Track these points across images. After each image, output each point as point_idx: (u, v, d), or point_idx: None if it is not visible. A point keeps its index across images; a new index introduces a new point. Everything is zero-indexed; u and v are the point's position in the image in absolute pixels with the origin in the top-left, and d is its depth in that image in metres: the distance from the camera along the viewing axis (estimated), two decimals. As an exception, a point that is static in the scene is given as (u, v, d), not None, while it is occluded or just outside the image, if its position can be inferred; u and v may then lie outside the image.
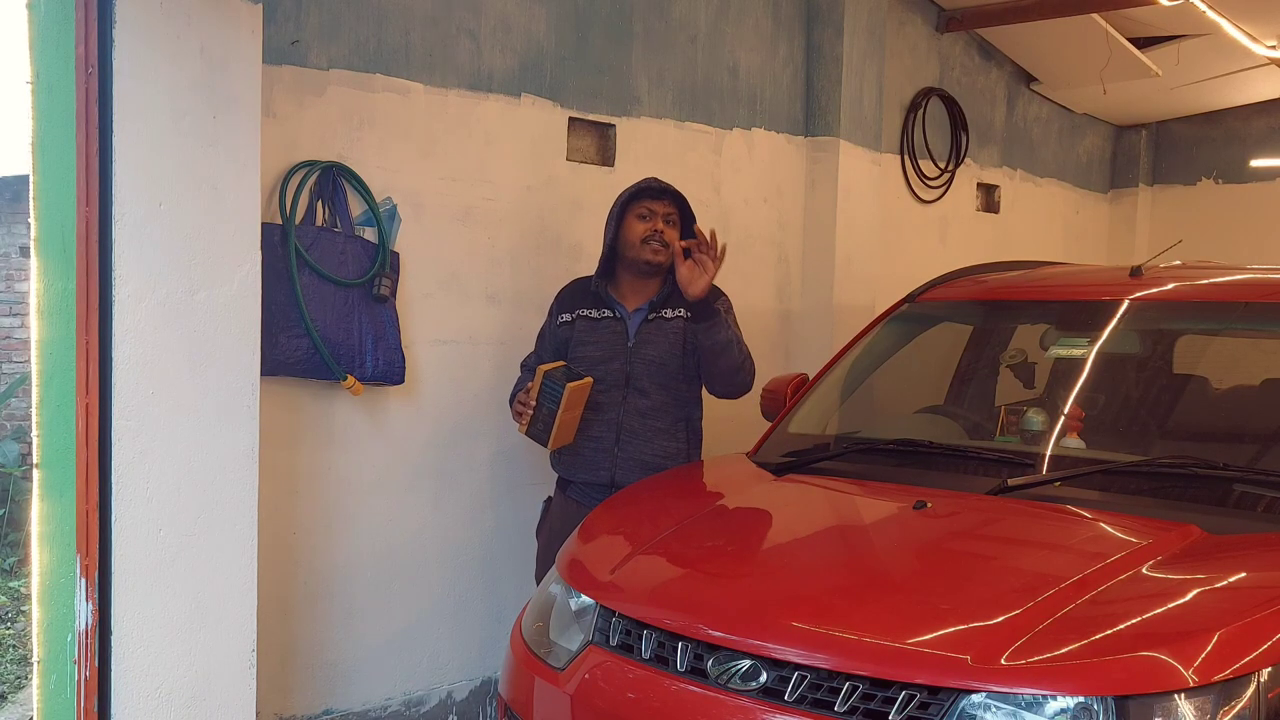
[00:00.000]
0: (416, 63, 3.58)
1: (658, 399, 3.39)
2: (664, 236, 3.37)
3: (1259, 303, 3.22)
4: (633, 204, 3.40)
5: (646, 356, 3.38)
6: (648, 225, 3.38)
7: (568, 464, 3.46)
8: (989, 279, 3.79)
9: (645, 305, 3.44)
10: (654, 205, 3.39)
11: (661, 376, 3.40)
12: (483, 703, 3.93)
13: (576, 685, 2.40)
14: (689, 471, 3.33)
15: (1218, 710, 1.91)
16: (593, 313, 3.45)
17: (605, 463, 3.39)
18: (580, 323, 3.45)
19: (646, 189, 3.40)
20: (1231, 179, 7.90)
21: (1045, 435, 3.13)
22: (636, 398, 3.38)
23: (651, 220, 3.39)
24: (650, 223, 3.38)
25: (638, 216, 3.39)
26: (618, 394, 3.37)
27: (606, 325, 3.42)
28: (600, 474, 3.39)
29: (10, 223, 7.85)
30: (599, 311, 3.45)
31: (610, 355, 3.39)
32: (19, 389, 7.47)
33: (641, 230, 3.38)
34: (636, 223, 3.39)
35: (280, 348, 3.21)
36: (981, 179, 6.58)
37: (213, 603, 2.85)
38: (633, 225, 3.39)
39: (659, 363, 3.39)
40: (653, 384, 3.39)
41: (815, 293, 5.13)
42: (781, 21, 4.96)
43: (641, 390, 3.38)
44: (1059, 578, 2.22)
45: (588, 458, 3.41)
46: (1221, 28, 5.74)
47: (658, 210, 3.39)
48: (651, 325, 3.42)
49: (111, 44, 2.59)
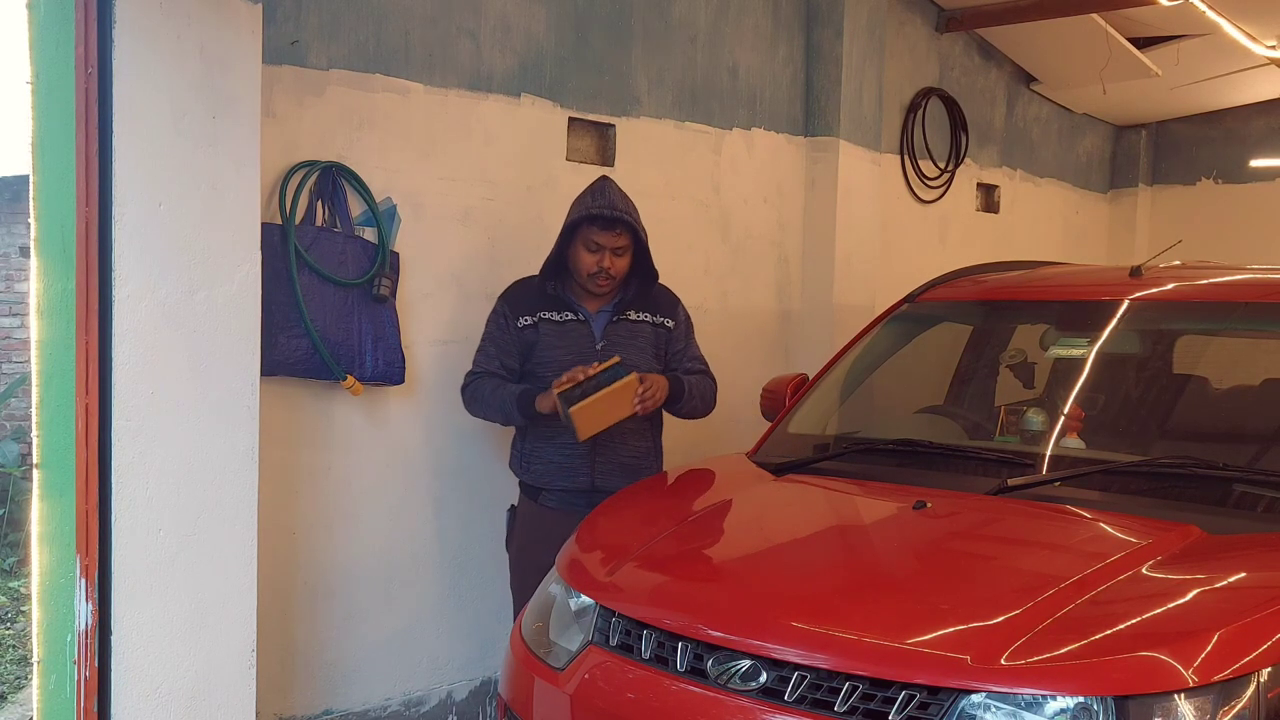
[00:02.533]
0: (416, 63, 3.58)
1: None
2: (610, 271, 3.29)
3: (1259, 303, 3.22)
4: (583, 228, 3.27)
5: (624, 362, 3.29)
6: (595, 259, 3.26)
7: (540, 472, 3.39)
8: (989, 279, 3.79)
9: (609, 307, 3.39)
10: (603, 238, 3.25)
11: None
12: (483, 703, 3.93)
13: (576, 685, 2.40)
14: (688, 472, 3.33)
15: (1218, 710, 1.91)
16: (554, 315, 3.36)
17: (584, 468, 3.34)
18: (544, 325, 3.35)
19: (600, 217, 3.24)
20: (1231, 179, 7.90)
21: (1045, 435, 3.13)
22: None
23: (599, 254, 3.26)
24: (597, 256, 3.26)
25: (586, 247, 3.27)
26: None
27: (572, 328, 3.36)
28: (580, 480, 3.35)
29: (10, 223, 7.85)
30: (560, 314, 3.36)
31: (579, 359, 3.29)
32: (19, 389, 7.47)
33: (589, 263, 3.27)
34: (585, 253, 3.27)
35: (280, 348, 3.21)
36: (981, 179, 6.58)
37: (213, 603, 2.85)
38: (581, 254, 3.28)
39: (630, 366, 3.32)
40: None
41: (815, 293, 5.13)
42: (781, 21, 4.96)
43: None
44: (1059, 578, 2.22)
45: (564, 465, 3.35)
46: (1221, 28, 5.74)
47: (606, 245, 3.26)
48: (619, 328, 3.38)
49: (111, 44, 2.59)
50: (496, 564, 3.92)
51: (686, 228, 4.52)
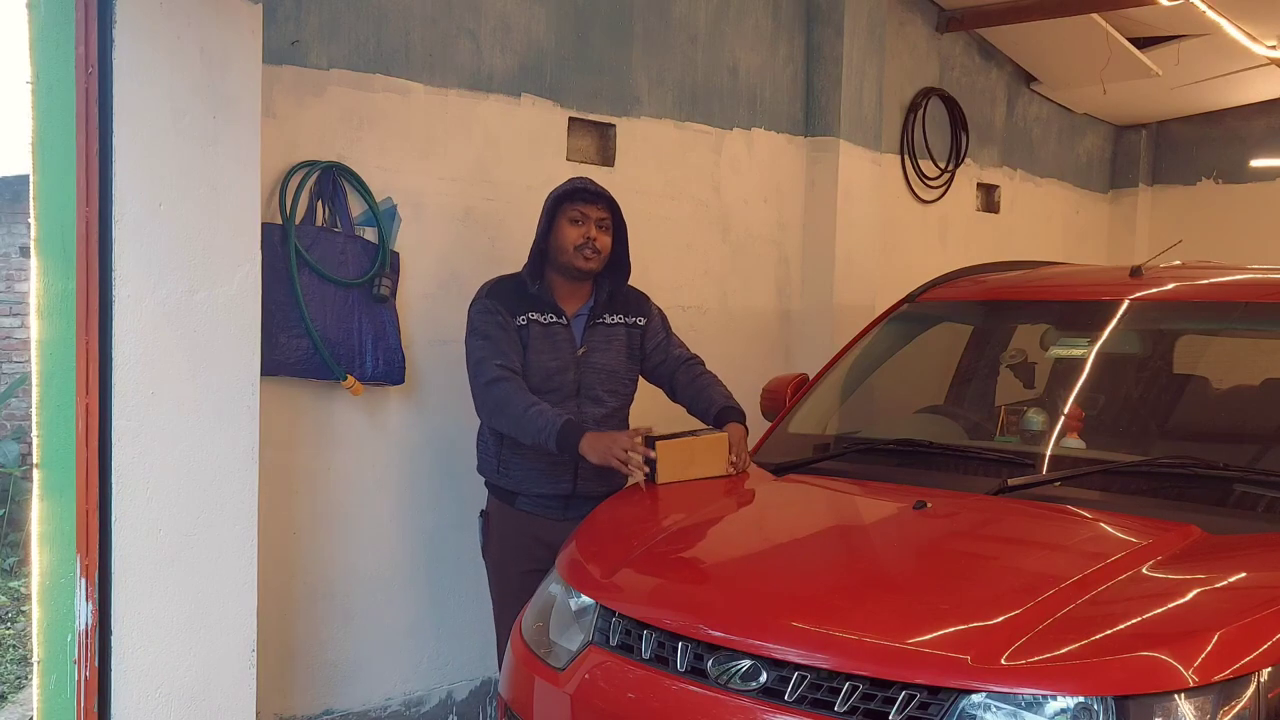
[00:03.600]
0: (416, 63, 3.58)
1: (610, 405, 3.32)
2: (596, 243, 3.24)
3: (1259, 303, 3.22)
4: (564, 205, 3.23)
5: (597, 365, 3.28)
6: (580, 231, 3.21)
7: (519, 478, 3.29)
8: (989, 279, 3.79)
9: (585, 310, 3.33)
10: (586, 209, 3.22)
11: (612, 383, 3.33)
12: (483, 703, 3.93)
13: (576, 685, 2.40)
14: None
15: (1218, 710, 1.91)
16: (540, 317, 3.26)
17: (566, 475, 3.26)
18: (533, 328, 3.25)
19: (580, 190, 3.23)
20: (1231, 179, 7.90)
21: (1045, 435, 3.13)
22: (590, 406, 3.28)
23: (584, 225, 3.22)
24: (583, 228, 3.22)
25: (570, 220, 3.22)
26: (571, 404, 3.24)
27: (556, 332, 3.27)
28: (562, 485, 3.27)
29: (10, 223, 7.85)
30: (545, 316, 3.27)
31: (564, 364, 3.26)
32: (19, 389, 7.48)
33: (574, 236, 3.21)
34: (569, 227, 3.22)
35: (280, 348, 3.21)
36: (981, 179, 6.58)
37: (213, 603, 2.85)
38: (565, 229, 3.22)
39: (609, 370, 3.31)
40: (605, 391, 3.31)
41: (815, 292, 5.13)
42: (781, 21, 4.96)
43: (595, 398, 3.29)
44: (1059, 578, 2.22)
45: (544, 470, 3.24)
46: (1221, 28, 5.74)
47: (590, 215, 3.22)
48: (596, 332, 3.32)
49: (111, 44, 2.59)
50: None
51: (686, 228, 4.52)
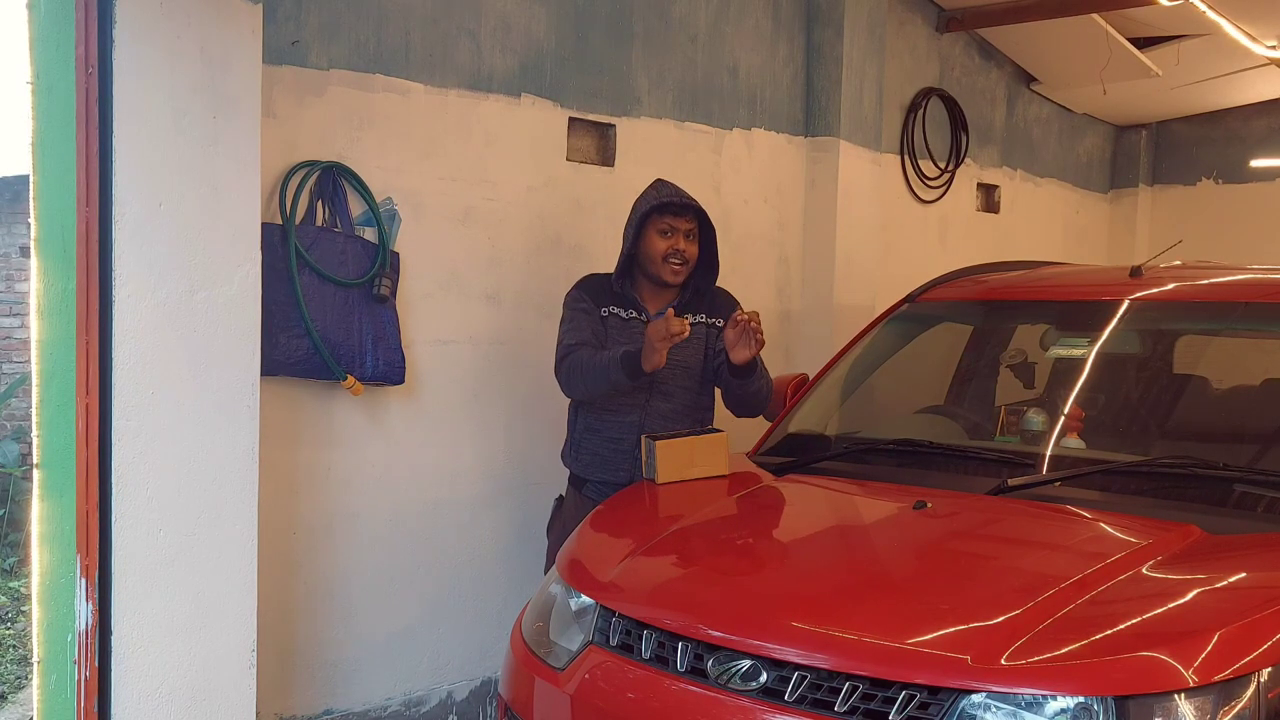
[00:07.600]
0: (416, 63, 3.58)
1: (680, 402, 3.43)
2: (685, 255, 3.37)
3: (1259, 303, 3.22)
4: (653, 217, 3.37)
5: (672, 360, 3.33)
6: (669, 243, 3.35)
7: (585, 463, 3.46)
8: (989, 279, 3.79)
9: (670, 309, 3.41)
10: (675, 222, 3.35)
11: (685, 380, 3.43)
12: (483, 703, 3.93)
13: (577, 685, 2.40)
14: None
15: (1218, 710, 1.91)
16: (621, 312, 3.44)
17: (625, 464, 3.39)
18: (612, 320, 3.43)
19: (670, 204, 3.35)
20: (1231, 179, 7.89)
21: (1045, 435, 3.13)
22: (660, 400, 3.40)
23: (673, 238, 3.36)
24: (672, 240, 3.35)
25: (659, 232, 3.35)
26: (641, 396, 3.37)
27: (635, 327, 3.41)
28: (620, 474, 3.39)
29: (10, 223, 7.85)
30: (626, 312, 3.44)
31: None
32: (19, 389, 7.47)
33: (663, 247, 3.35)
34: (658, 238, 3.36)
35: (280, 348, 3.21)
36: (981, 179, 6.58)
37: (213, 603, 2.85)
38: (653, 240, 3.36)
39: (684, 367, 3.41)
40: (677, 387, 3.42)
41: (815, 292, 5.13)
42: (781, 21, 4.96)
43: (666, 393, 3.40)
44: (1059, 578, 2.22)
45: (607, 457, 3.41)
46: (1221, 28, 5.74)
47: (679, 227, 3.36)
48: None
49: (111, 44, 2.59)
50: (497, 564, 3.92)
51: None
